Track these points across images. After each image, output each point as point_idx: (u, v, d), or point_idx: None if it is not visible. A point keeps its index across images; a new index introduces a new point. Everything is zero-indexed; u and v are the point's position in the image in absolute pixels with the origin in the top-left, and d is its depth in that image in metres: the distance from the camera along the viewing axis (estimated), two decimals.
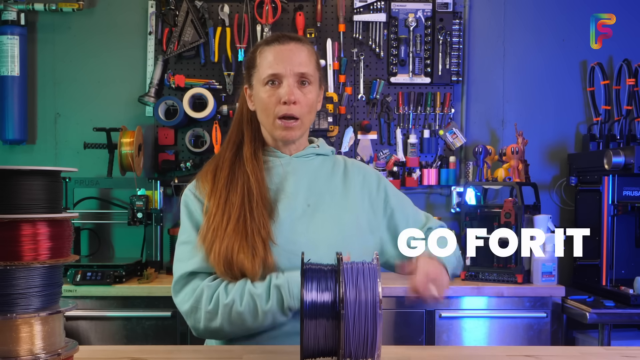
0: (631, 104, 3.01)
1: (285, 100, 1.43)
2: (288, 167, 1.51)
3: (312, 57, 1.50)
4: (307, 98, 1.46)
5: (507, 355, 1.32)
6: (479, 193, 2.93)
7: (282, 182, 1.49)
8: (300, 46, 1.48)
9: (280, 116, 1.45)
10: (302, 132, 1.50)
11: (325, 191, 1.51)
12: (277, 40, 1.48)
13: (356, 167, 1.60)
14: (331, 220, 1.47)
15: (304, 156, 1.54)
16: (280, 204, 1.46)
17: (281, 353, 1.29)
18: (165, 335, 2.56)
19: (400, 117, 3.17)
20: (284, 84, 1.44)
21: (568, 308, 2.60)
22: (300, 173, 1.51)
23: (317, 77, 1.52)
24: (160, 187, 2.97)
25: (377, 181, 1.59)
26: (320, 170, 1.54)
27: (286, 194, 1.48)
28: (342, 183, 1.55)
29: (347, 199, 1.52)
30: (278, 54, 1.45)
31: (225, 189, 1.45)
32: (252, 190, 1.43)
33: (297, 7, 3.11)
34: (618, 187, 2.74)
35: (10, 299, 0.94)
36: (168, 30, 3.08)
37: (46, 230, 0.96)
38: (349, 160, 1.62)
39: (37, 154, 3.15)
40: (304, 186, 1.50)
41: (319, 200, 1.49)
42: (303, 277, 1.08)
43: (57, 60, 3.16)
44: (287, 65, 1.44)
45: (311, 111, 1.50)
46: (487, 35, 3.22)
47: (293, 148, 1.53)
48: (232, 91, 3.11)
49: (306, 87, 1.46)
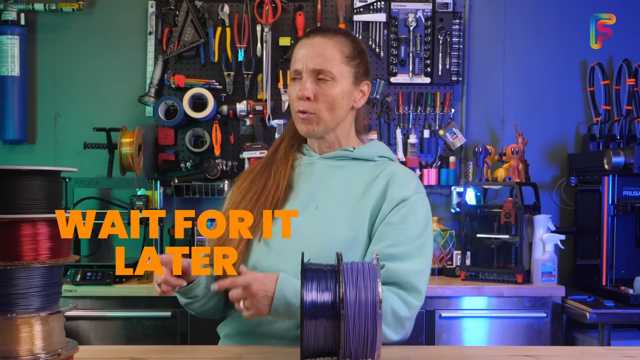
0: (631, 104, 3.01)
1: (299, 96, 1.43)
2: (309, 167, 1.50)
3: (339, 51, 1.43)
4: (326, 94, 1.42)
5: (507, 355, 1.32)
6: (479, 193, 2.93)
7: (298, 182, 1.49)
8: (325, 40, 1.44)
9: (297, 111, 1.45)
10: (323, 127, 1.46)
11: (339, 197, 1.44)
12: (307, 34, 1.48)
13: (389, 174, 1.44)
14: (326, 230, 1.40)
15: (332, 158, 1.49)
16: (287, 203, 1.47)
17: (281, 353, 1.29)
18: (165, 335, 2.56)
19: (400, 117, 3.17)
20: (303, 79, 1.44)
21: (568, 308, 2.60)
22: (319, 174, 1.48)
23: (347, 71, 1.45)
24: (160, 187, 2.97)
25: (398, 194, 1.41)
26: (344, 174, 1.47)
27: (296, 193, 1.48)
28: (363, 192, 1.43)
29: (358, 210, 1.41)
30: (302, 49, 1.45)
31: (248, 187, 1.51)
32: (267, 188, 1.47)
33: (297, 7, 3.11)
34: (618, 187, 2.74)
35: (10, 299, 0.94)
36: (168, 30, 3.08)
37: (46, 230, 0.96)
38: (390, 168, 1.46)
39: (37, 154, 3.15)
40: (318, 188, 1.46)
41: (329, 203, 1.44)
42: (303, 277, 1.08)
43: (57, 60, 3.16)
44: (305, 62, 1.43)
45: (333, 108, 1.44)
46: (487, 35, 3.22)
47: (325, 146, 1.51)
48: (232, 91, 3.11)
49: (326, 82, 1.43)
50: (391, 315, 1.29)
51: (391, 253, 1.35)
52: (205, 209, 3.13)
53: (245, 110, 3.03)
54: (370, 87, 1.51)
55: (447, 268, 2.87)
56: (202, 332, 2.56)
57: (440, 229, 2.97)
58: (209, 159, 3.02)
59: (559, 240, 2.70)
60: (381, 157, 1.51)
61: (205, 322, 2.54)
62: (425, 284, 1.36)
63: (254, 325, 1.40)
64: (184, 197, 3.02)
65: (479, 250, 2.80)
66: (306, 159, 1.52)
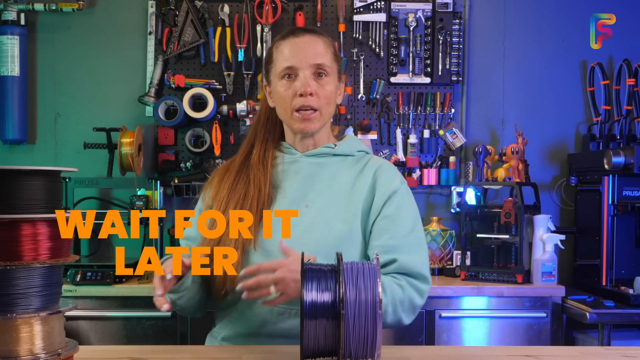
0: (631, 104, 3.01)
1: (302, 92, 1.43)
2: (293, 165, 1.50)
3: (329, 48, 1.49)
4: (325, 90, 1.46)
5: (507, 355, 1.32)
6: (479, 193, 2.93)
7: (283, 181, 1.49)
8: (316, 38, 1.47)
9: (297, 108, 1.45)
10: (321, 124, 1.48)
11: (328, 193, 1.46)
12: (292, 33, 1.49)
13: (373, 168, 1.49)
14: (322, 226, 1.42)
15: (316, 155, 1.50)
16: (276, 204, 1.46)
17: (281, 353, 1.29)
18: (165, 335, 2.56)
19: (400, 117, 3.17)
20: (300, 76, 1.44)
21: (568, 308, 2.60)
22: (304, 173, 1.49)
23: (335, 68, 1.50)
24: (160, 187, 2.97)
25: (389, 186, 1.46)
26: (329, 171, 1.49)
27: (284, 193, 1.47)
28: (350, 186, 1.47)
29: (349, 205, 1.44)
30: (293, 47, 1.46)
31: (227, 197, 1.49)
32: (248, 196, 1.45)
33: (297, 7, 3.11)
34: (618, 187, 2.74)
35: (10, 299, 0.94)
36: (168, 30, 3.08)
37: (46, 230, 0.96)
38: (372, 161, 1.52)
39: (37, 154, 3.15)
40: (306, 186, 1.47)
41: (320, 200, 1.46)
42: (303, 277, 1.08)
43: (57, 60, 3.16)
44: (302, 58, 1.44)
45: (330, 103, 1.48)
46: (487, 35, 3.22)
47: (310, 144, 1.51)
48: (232, 91, 3.11)
49: (323, 78, 1.46)
50: (408, 303, 1.39)
51: (395, 244, 1.41)
52: None
53: (245, 110, 3.03)
54: (344, 83, 1.58)
55: (447, 268, 2.87)
56: (202, 332, 2.56)
57: (440, 229, 2.96)
58: (209, 159, 3.02)
59: (559, 240, 2.70)
60: (359, 152, 1.56)
61: (205, 322, 2.55)
62: (429, 267, 1.46)
63: (257, 326, 1.40)
64: (184, 197, 3.02)
65: (479, 250, 2.80)
66: (288, 157, 1.51)
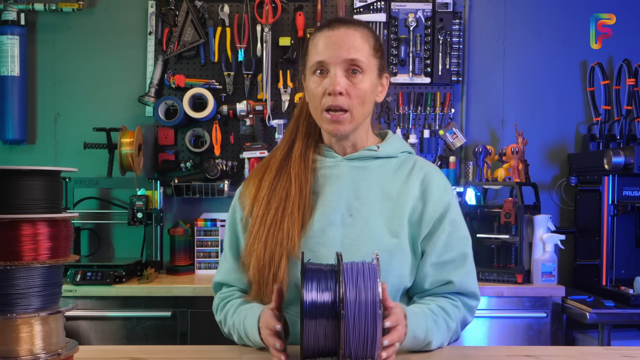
0: (631, 104, 3.01)
1: (330, 91, 1.32)
2: (334, 169, 1.40)
3: (367, 42, 1.36)
4: (358, 88, 1.33)
5: (507, 355, 1.32)
6: (479, 193, 2.93)
7: (324, 187, 1.38)
8: (352, 30, 1.34)
9: (326, 108, 1.34)
10: (354, 126, 1.36)
11: (375, 200, 1.37)
12: (328, 25, 1.37)
13: (421, 174, 1.41)
14: (369, 239, 1.33)
15: (358, 159, 1.40)
16: (317, 212, 1.36)
17: None
18: (165, 335, 2.56)
19: (400, 117, 3.17)
20: (331, 73, 1.33)
21: (568, 308, 2.60)
22: (346, 178, 1.39)
23: (374, 64, 1.37)
24: (160, 187, 2.97)
25: (441, 197, 1.39)
26: (372, 176, 1.40)
27: (325, 200, 1.37)
28: (397, 193, 1.38)
29: (395, 214, 1.36)
30: (326, 40, 1.34)
31: (267, 196, 1.38)
32: (290, 196, 1.36)
33: (297, 7, 3.11)
34: (618, 187, 2.74)
35: (10, 299, 0.94)
36: (168, 30, 3.08)
37: (46, 230, 0.96)
38: (419, 163, 1.44)
39: (37, 154, 3.15)
40: (348, 193, 1.37)
41: (365, 210, 1.36)
42: (303, 277, 1.08)
43: (57, 60, 3.16)
44: (334, 52, 1.32)
45: (364, 103, 1.35)
46: (487, 35, 3.22)
47: (348, 146, 1.41)
48: (232, 91, 3.11)
49: (357, 76, 1.33)
50: (461, 324, 1.38)
51: (450, 261, 1.38)
52: (206, 209, 3.13)
53: (245, 110, 3.03)
54: (389, 80, 1.45)
55: None
56: (202, 332, 2.56)
57: None
58: (209, 159, 3.02)
59: (559, 240, 2.70)
60: (403, 153, 1.45)
61: (205, 322, 2.56)
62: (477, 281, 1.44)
63: None
64: (184, 197, 3.02)
65: (479, 250, 2.79)
66: (330, 161, 1.41)
